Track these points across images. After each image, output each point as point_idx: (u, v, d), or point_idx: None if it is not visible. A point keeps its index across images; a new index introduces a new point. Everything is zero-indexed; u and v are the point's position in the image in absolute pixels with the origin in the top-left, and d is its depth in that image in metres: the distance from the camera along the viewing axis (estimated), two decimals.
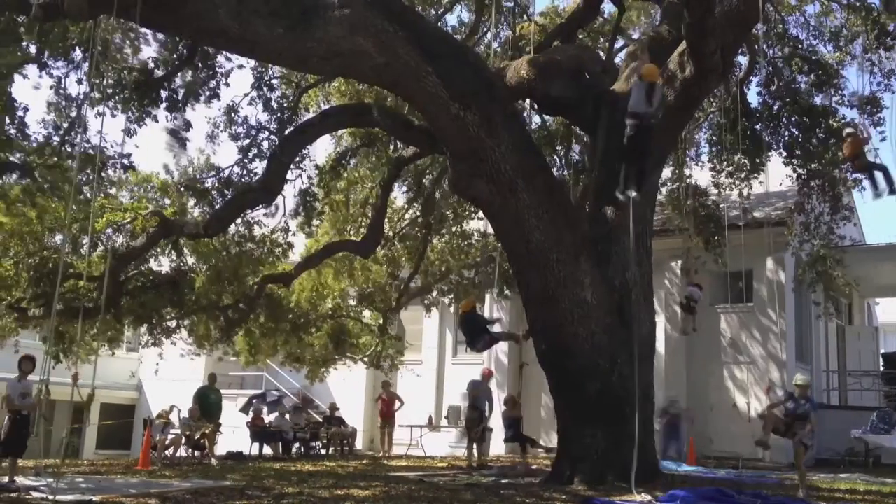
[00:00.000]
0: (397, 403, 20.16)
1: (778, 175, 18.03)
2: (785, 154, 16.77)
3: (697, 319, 16.74)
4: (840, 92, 16.50)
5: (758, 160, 16.79)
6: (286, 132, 16.02)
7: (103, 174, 14.85)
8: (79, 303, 13.59)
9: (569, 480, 10.72)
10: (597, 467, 10.70)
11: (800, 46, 16.81)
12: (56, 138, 14.16)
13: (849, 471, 16.43)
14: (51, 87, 13.91)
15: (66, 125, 14.17)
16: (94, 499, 8.76)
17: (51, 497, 8.54)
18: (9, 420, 10.77)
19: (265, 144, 16.60)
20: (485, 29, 17.45)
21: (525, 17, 17.56)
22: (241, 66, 15.32)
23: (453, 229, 19.99)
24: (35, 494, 9.09)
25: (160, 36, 14.14)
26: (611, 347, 11.21)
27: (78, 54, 13.61)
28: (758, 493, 10.02)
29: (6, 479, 10.38)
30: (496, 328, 14.43)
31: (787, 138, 16.72)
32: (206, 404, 17.42)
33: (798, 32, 17.16)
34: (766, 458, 17.58)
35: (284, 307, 19.13)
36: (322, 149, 20.52)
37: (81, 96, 14.11)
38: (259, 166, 16.32)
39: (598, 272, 11.51)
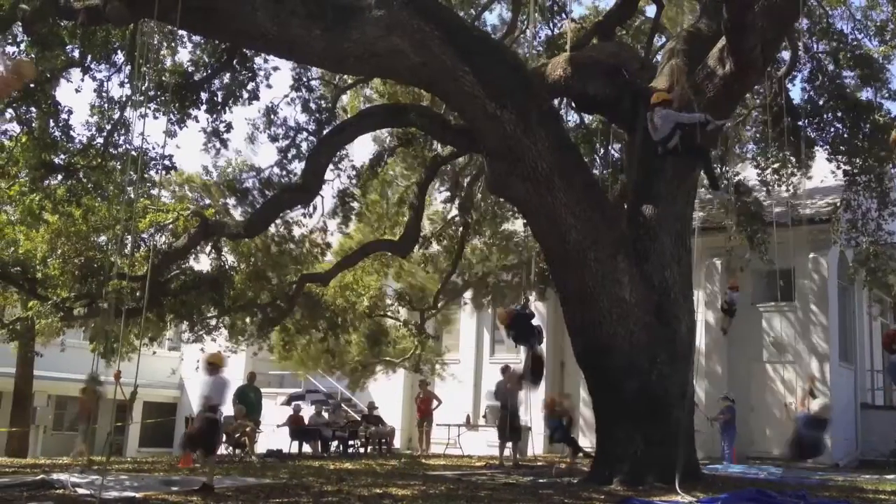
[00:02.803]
0: (434, 402, 20.19)
1: (822, 171, 17.71)
2: (830, 150, 16.48)
3: (737, 319, 16.59)
4: (887, 86, 16.20)
5: (802, 156, 16.53)
6: (324, 132, 16.12)
7: (145, 175, 15.08)
8: (122, 302, 13.80)
9: (607, 481, 10.63)
10: (636, 467, 10.59)
11: (844, 41, 16.50)
12: (99, 140, 14.41)
13: (894, 472, 16.09)
14: (94, 91, 14.19)
15: (108, 127, 14.42)
16: (138, 496, 8.89)
17: (96, 494, 8.67)
18: None
19: (304, 145, 16.75)
20: (523, 27, 17.39)
21: (563, 16, 17.45)
22: (276, 68, 15.47)
23: (487, 232, 19.95)
24: (80, 491, 9.24)
25: (198, 38, 14.33)
26: (650, 346, 11.10)
27: (120, 58, 13.87)
28: (800, 493, 9.85)
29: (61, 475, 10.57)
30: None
31: (832, 134, 16.44)
32: (246, 403, 17.58)
33: (843, 26, 16.88)
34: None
35: (322, 305, 19.25)
36: (360, 149, 20.60)
37: (124, 99, 14.37)
38: (298, 167, 16.48)
39: (637, 271, 11.39)
